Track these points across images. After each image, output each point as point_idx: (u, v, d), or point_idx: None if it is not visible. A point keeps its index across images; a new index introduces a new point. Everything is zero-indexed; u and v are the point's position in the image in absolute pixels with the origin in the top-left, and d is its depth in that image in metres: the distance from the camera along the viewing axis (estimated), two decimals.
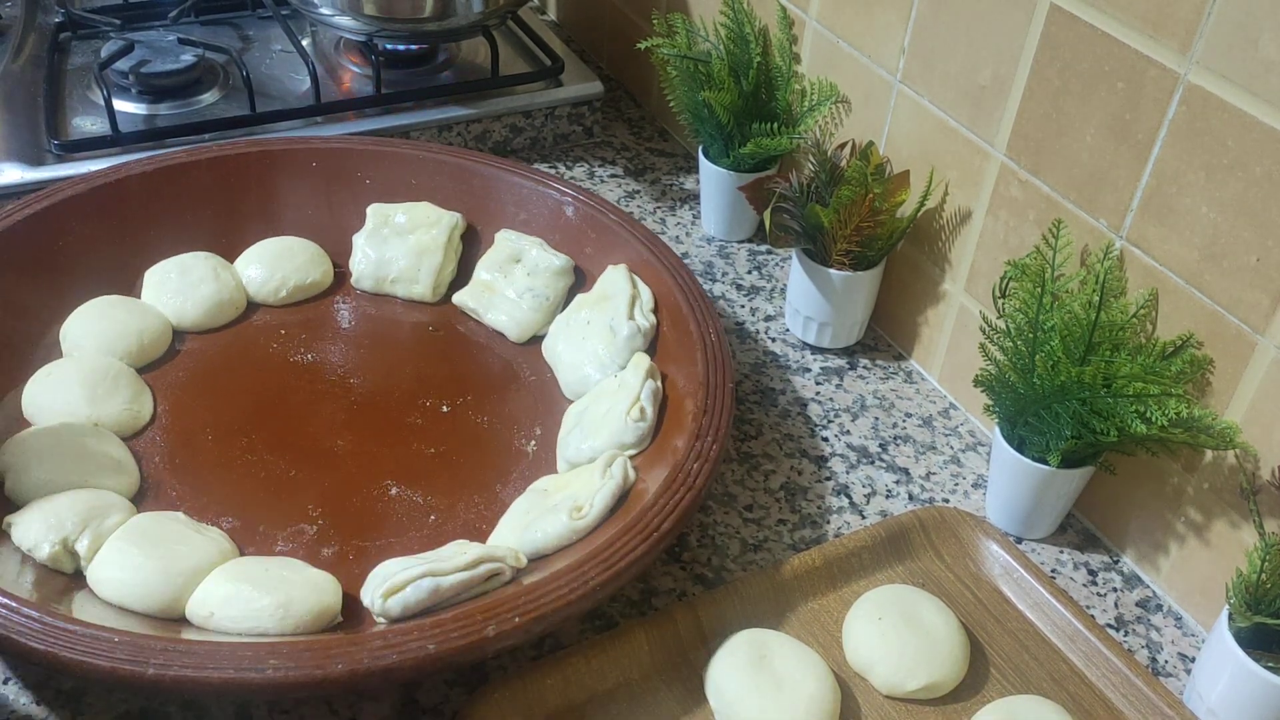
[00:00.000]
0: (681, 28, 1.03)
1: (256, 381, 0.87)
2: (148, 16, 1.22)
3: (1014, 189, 0.82)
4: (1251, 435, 0.69)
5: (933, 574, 0.76)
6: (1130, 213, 0.73)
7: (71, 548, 0.68)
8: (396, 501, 0.77)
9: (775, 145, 0.98)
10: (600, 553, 0.67)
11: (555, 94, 1.17)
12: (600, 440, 0.78)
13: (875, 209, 0.87)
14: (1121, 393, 0.69)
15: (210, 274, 0.91)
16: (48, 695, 0.67)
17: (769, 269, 1.05)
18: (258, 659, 0.59)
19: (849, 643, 0.70)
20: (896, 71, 0.90)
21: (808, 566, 0.74)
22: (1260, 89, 0.63)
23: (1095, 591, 0.78)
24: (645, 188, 1.15)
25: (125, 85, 1.08)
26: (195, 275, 0.90)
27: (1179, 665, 0.74)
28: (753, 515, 0.81)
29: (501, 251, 0.94)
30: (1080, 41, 0.73)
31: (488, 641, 0.62)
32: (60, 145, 1.00)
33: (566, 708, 0.66)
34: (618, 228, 0.92)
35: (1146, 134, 0.71)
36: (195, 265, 0.91)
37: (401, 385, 0.87)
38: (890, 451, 0.88)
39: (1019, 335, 0.76)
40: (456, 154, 0.98)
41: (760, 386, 0.93)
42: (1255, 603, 0.65)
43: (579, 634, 0.72)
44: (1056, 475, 0.76)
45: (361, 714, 0.67)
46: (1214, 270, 0.69)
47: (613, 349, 0.84)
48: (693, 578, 0.77)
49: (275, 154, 0.96)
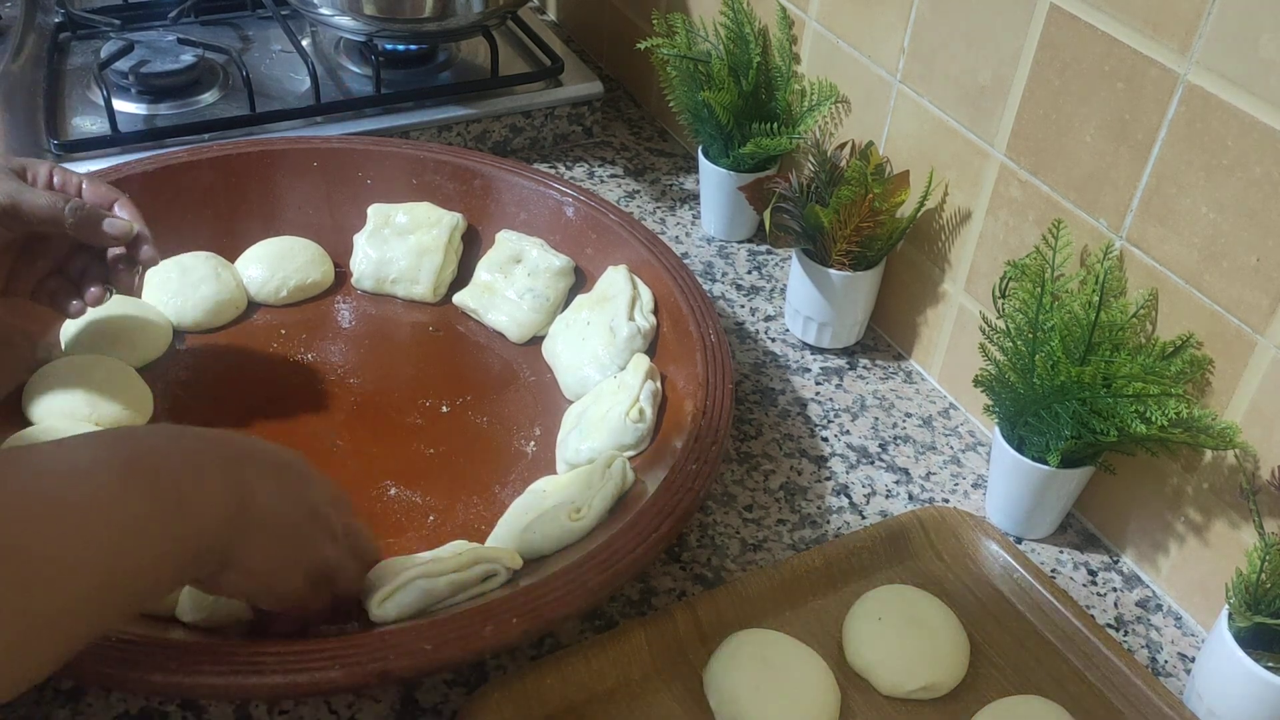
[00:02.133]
0: (681, 28, 1.03)
1: (256, 381, 0.87)
2: (148, 16, 1.22)
3: (1014, 189, 0.82)
4: (1251, 435, 0.69)
5: (933, 574, 0.76)
6: (1130, 213, 0.73)
7: None
8: (395, 502, 0.77)
9: (775, 145, 0.98)
10: (599, 554, 0.67)
11: (555, 94, 1.17)
12: (599, 441, 0.78)
13: (875, 209, 0.87)
14: (1121, 393, 0.69)
15: (211, 274, 0.91)
16: (47, 695, 0.67)
17: (769, 269, 1.05)
18: (255, 660, 0.59)
19: (849, 643, 0.70)
20: (896, 72, 0.90)
21: (808, 566, 0.74)
22: (1260, 89, 0.63)
23: (1095, 591, 0.78)
24: (645, 188, 1.15)
25: (125, 85, 1.08)
26: (195, 275, 0.90)
27: (1179, 665, 0.74)
28: (752, 515, 0.81)
29: (502, 252, 0.94)
30: (1080, 41, 0.73)
31: (486, 642, 0.62)
32: (60, 145, 1.00)
33: (566, 708, 0.65)
34: (618, 228, 0.92)
35: (1146, 134, 0.71)
36: (195, 265, 0.91)
37: (401, 385, 0.87)
38: (890, 451, 0.88)
39: (1019, 335, 0.75)
40: (457, 154, 0.98)
41: (760, 386, 0.92)
42: (1255, 603, 0.65)
43: (578, 634, 0.72)
44: (1056, 475, 0.76)
45: (361, 714, 0.67)
46: (1214, 270, 0.69)
47: (612, 350, 0.84)
48: (692, 578, 0.77)
49: (275, 154, 0.96)
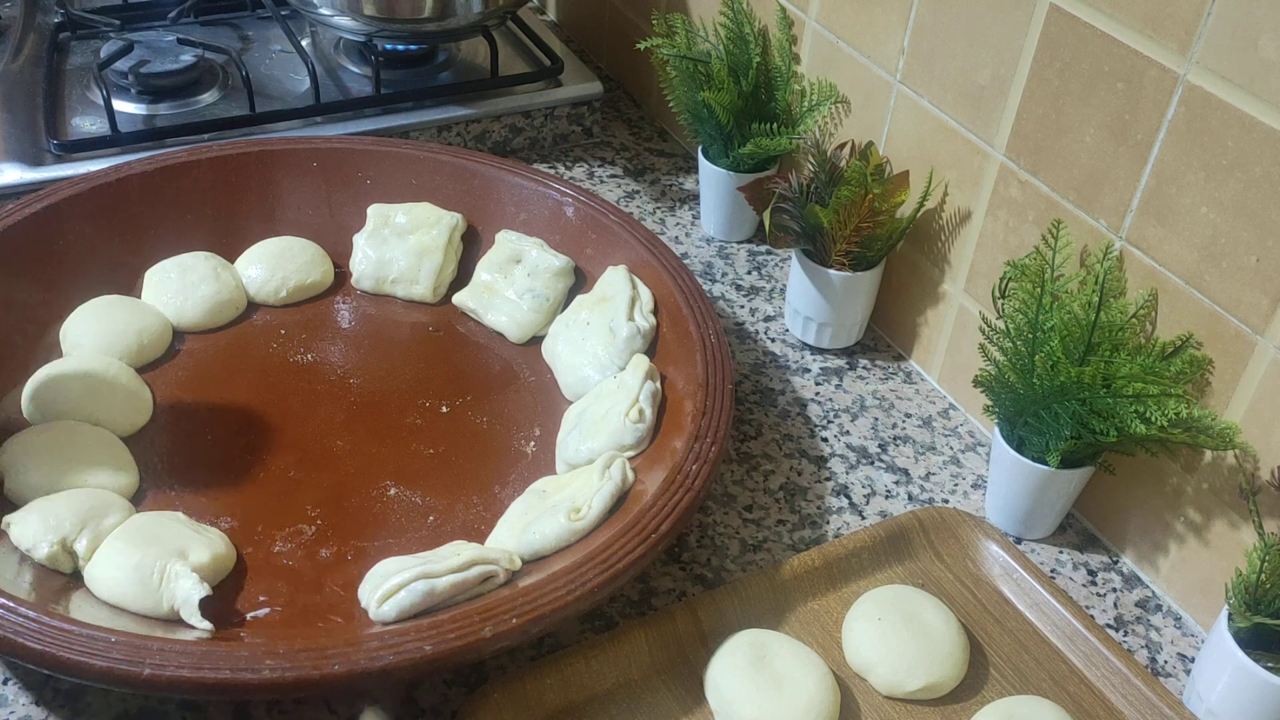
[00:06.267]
0: (681, 28, 1.03)
1: (256, 382, 0.86)
2: (147, 17, 1.22)
3: (1013, 189, 0.82)
4: (1251, 435, 0.69)
5: (932, 574, 0.76)
6: (1130, 213, 0.73)
7: (70, 548, 0.68)
8: (395, 502, 0.77)
9: (775, 145, 0.98)
10: (598, 554, 0.67)
11: (555, 94, 1.17)
12: (599, 441, 0.78)
13: (875, 209, 0.87)
14: (1121, 393, 0.69)
15: (210, 274, 0.91)
16: (47, 695, 0.67)
17: (769, 269, 1.05)
18: (254, 659, 0.59)
19: (849, 643, 0.70)
20: (896, 72, 0.90)
21: (807, 567, 0.74)
22: (1260, 89, 0.63)
23: (1095, 591, 0.78)
24: (645, 188, 1.15)
25: (125, 85, 1.08)
26: (195, 275, 0.90)
27: (1178, 665, 0.74)
28: (752, 515, 0.81)
29: (502, 252, 0.94)
30: (1080, 42, 0.73)
31: (485, 642, 0.62)
32: (60, 145, 1.00)
33: (566, 708, 0.66)
34: (618, 228, 0.92)
35: (1146, 134, 0.71)
36: (195, 265, 0.91)
37: (401, 386, 0.87)
38: (890, 452, 0.88)
39: (1018, 335, 0.75)
40: (457, 154, 0.98)
41: (760, 387, 0.92)
42: (1255, 603, 0.65)
43: (578, 634, 0.72)
44: (1056, 475, 0.76)
45: (360, 714, 0.67)
46: (1214, 270, 0.69)
47: (612, 350, 0.84)
48: (692, 578, 0.77)
49: (275, 154, 0.96)
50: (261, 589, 0.71)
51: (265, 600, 0.70)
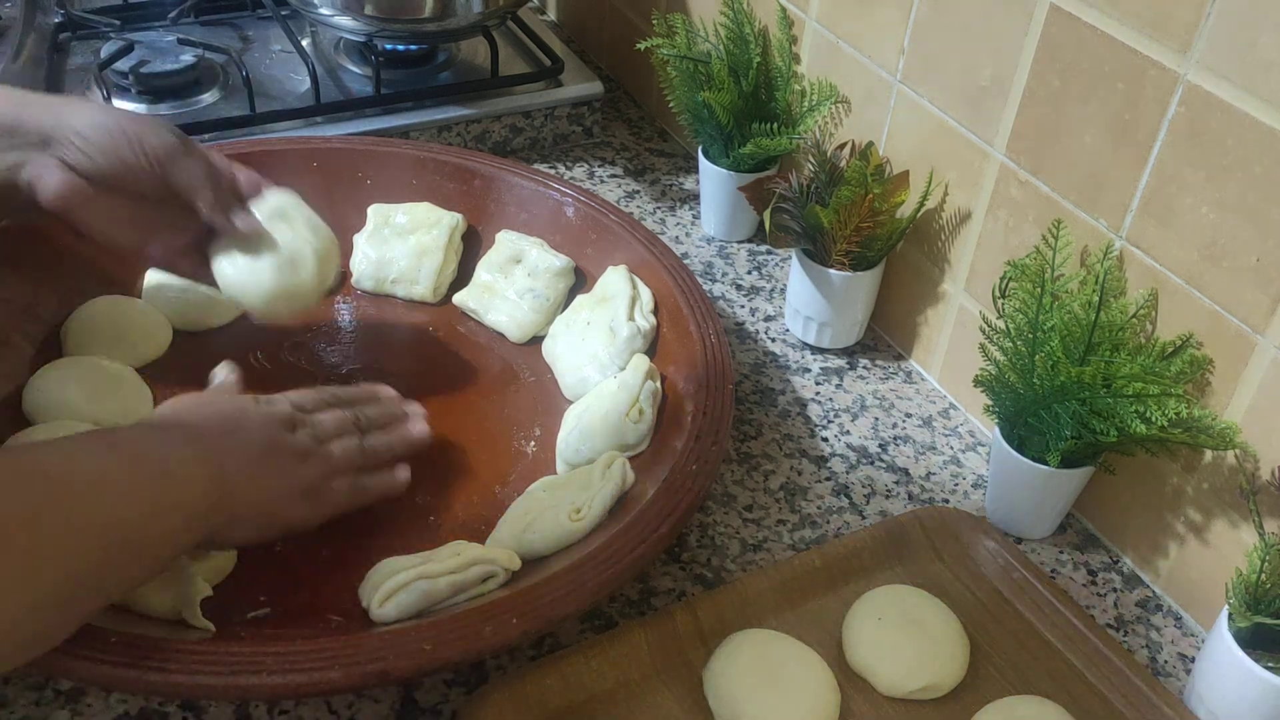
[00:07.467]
0: (681, 28, 1.03)
1: (256, 381, 0.86)
2: (147, 17, 1.22)
3: (1014, 189, 0.82)
4: (1251, 435, 0.69)
5: (933, 574, 0.76)
6: (1130, 213, 0.73)
7: None
8: (395, 502, 0.77)
9: (775, 146, 0.98)
10: (598, 555, 0.67)
11: (555, 94, 1.17)
12: (599, 442, 0.78)
13: (875, 209, 0.87)
14: (1121, 393, 0.69)
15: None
16: (47, 695, 0.66)
17: (769, 269, 1.05)
18: (255, 661, 0.59)
19: (849, 643, 0.70)
20: (896, 72, 0.90)
21: (808, 567, 0.74)
22: (1260, 89, 0.63)
23: (1095, 591, 0.78)
24: (645, 188, 1.15)
25: (125, 85, 1.08)
26: None
27: (1179, 665, 0.74)
28: (752, 515, 0.81)
29: (502, 252, 0.94)
30: (1080, 42, 0.73)
31: (485, 642, 0.62)
32: None
33: (566, 708, 0.65)
34: (618, 228, 0.92)
35: (1146, 134, 0.71)
36: None
37: (401, 385, 0.87)
38: (890, 451, 0.88)
39: (1019, 335, 0.75)
40: (457, 154, 0.98)
41: (760, 387, 0.92)
42: (1255, 603, 0.65)
43: (578, 634, 0.72)
44: (1056, 475, 0.76)
45: (361, 714, 0.67)
46: (1214, 270, 0.69)
47: (612, 350, 0.84)
48: (692, 578, 0.77)
49: (275, 154, 0.96)
50: (261, 589, 0.70)
51: (265, 600, 0.70)
